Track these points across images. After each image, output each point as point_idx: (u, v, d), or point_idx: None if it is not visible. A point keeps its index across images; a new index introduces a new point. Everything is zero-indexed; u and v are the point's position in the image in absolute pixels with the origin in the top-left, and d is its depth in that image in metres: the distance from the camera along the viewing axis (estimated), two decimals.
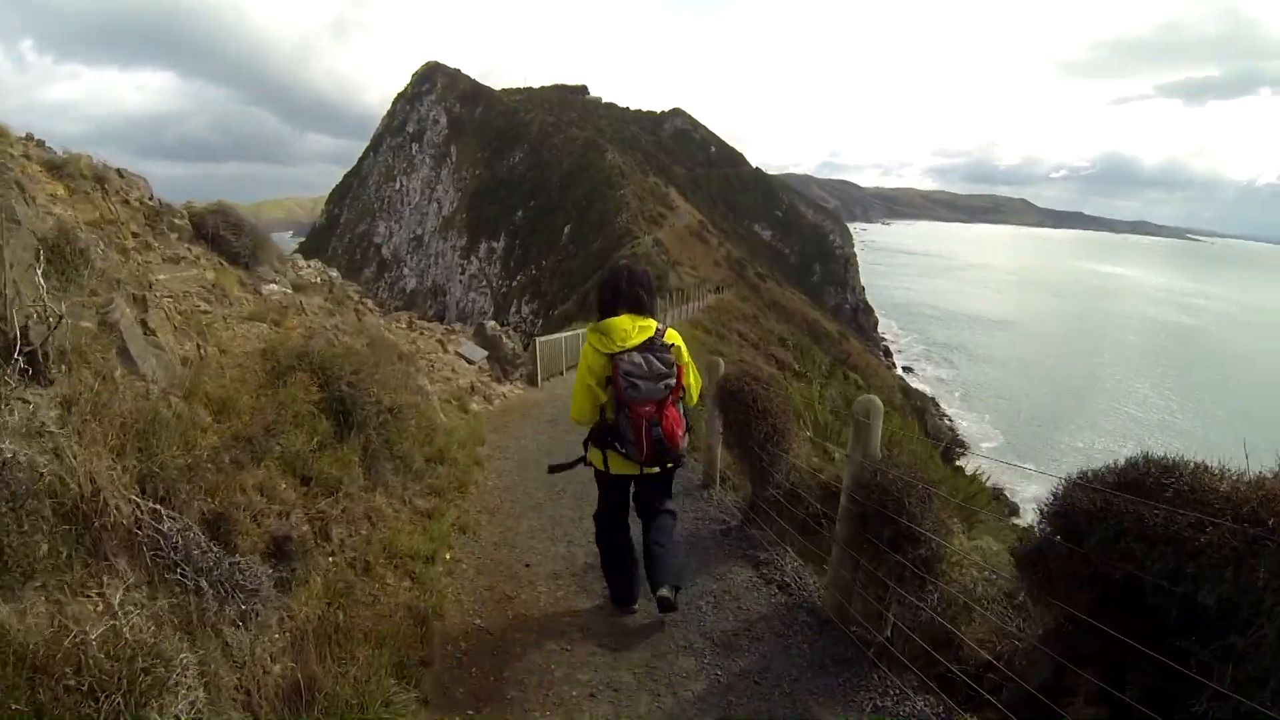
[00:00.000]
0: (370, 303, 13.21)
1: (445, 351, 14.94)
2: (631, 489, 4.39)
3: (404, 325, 15.22)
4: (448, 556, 5.21)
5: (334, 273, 11.81)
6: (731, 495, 6.83)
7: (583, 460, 4.40)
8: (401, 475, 5.87)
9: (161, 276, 6.74)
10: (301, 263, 10.86)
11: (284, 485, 4.11)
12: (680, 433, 4.04)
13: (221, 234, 7.75)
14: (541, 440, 9.97)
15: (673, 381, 3.96)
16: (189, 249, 7.46)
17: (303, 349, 5.49)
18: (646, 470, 4.14)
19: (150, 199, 7.76)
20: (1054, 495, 2.87)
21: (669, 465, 4.22)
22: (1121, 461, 2.76)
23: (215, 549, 2.97)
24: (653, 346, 3.96)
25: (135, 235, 6.92)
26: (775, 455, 5.39)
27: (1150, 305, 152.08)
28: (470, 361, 15.11)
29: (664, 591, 4.11)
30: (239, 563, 3.02)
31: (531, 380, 16.15)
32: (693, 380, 4.29)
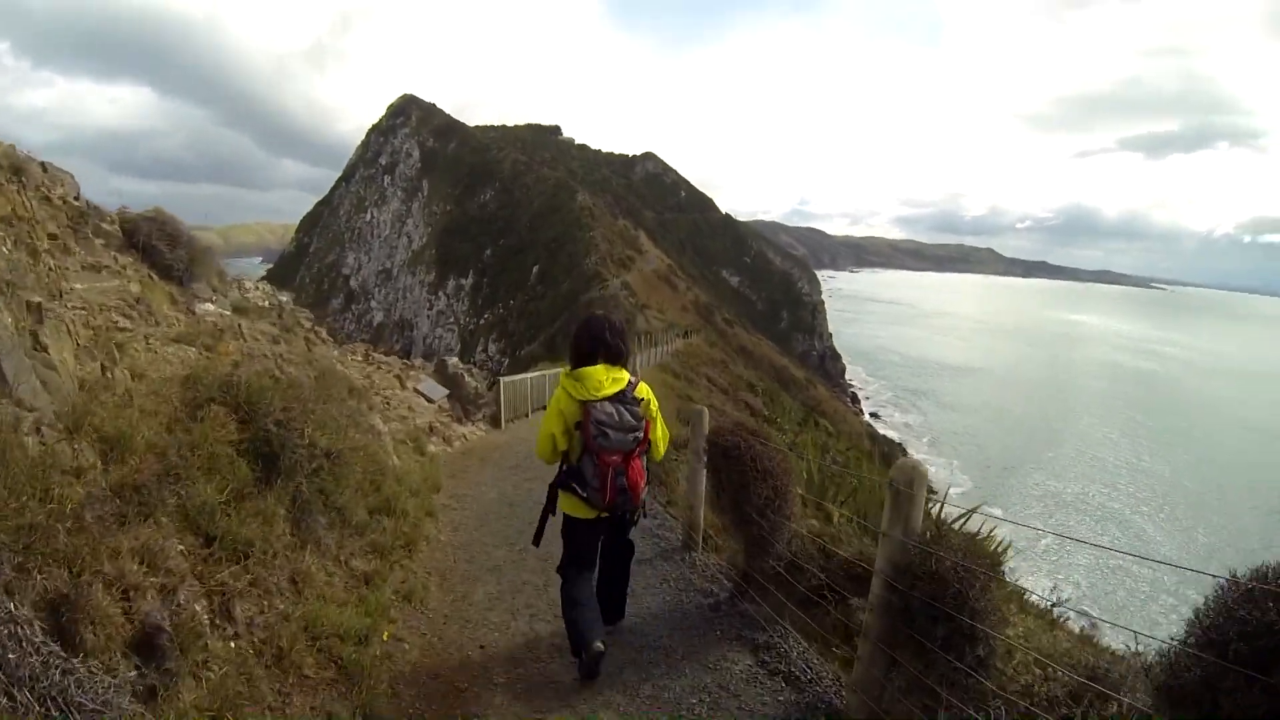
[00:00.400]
0: (323, 332, 12.20)
1: (403, 388, 14.03)
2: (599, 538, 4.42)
3: (359, 358, 14.32)
4: (385, 636, 4.35)
5: (284, 297, 10.78)
6: (715, 558, 6.08)
7: (550, 510, 4.29)
8: (338, 531, 5.04)
9: (76, 286, 5.92)
10: (248, 284, 9.91)
11: (177, 548, 3.28)
12: (642, 484, 4.11)
13: (154, 244, 6.93)
14: (503, 488, 9.22)
15: (641, 435, 4.06)
16: (115, 258, 6.65)
17: (228, 378, 4.65)
18: (602, 515, 4.17)
19: (76, 198, 6.94)
20: (1213, 602, 2.11)
21: (631, 517, 4.31)
22: None
23: (49, 647, 2.14)
24: (625, 399, 4.02)
25: (52, 237, 6.11)
26: (776, 523, 4.63)
27: (1115, 351, 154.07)
28: (430, 400, 14.17)
29: (597, 646, 4.09)
30: (76, 670, 2.16)
31: (495, 422, 15.43)
32: (660, 435, 4.34)
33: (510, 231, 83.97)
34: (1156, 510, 48.74)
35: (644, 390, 4.18)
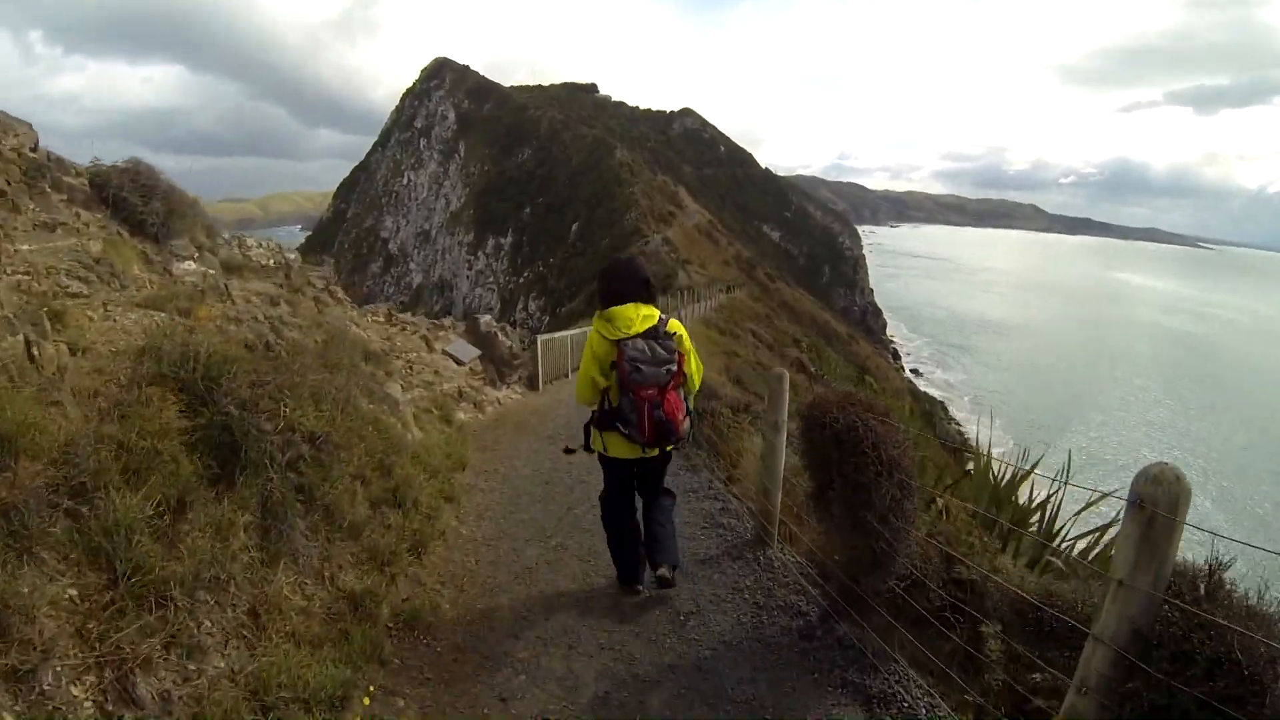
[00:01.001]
0: (340, 292, 10.94)
1: (430, 350, 12.79)
2: (634, 471, 4.54)
3: (381, 319, 12.97)
4: (366, 701, 3.13)
5: (292, 255, 9.71)
6: (794, 555, 4.98)
7: (585, 446, 4.49)
8: (322, 537, 3.98)
9: (24, 247, 4.98)
10: (250, 241, 8.84)
11: (65, 594, 2.29)
12: (680, 416, 4.16)
13: (125, 196, 5.93)
14: (539, 462, 8.21)
15: (674, 367, 4.10)
16: (78, 214, 5.68)
17: (185, 348, 3.62)
18: (647, 453, 4.25)
19: (34, 149, 5.97)
20: None
21: (669, 448, 4.35)
22: None
23: None
24: (656, 334, 4.09)
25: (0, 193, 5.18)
26: (900, 529, 3.41)
27: (1158, 312, 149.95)
28: (460, 362, 12.93)
29: (663, 571, 4.43)
30: None
31: (531, 384, 14.43)
32: (694, 368, 4.37)
33: (549, 190, 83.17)
34: (1207, 480, 46.41)
35: (675, 325, 4.23)
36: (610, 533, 4.68)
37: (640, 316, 4.11)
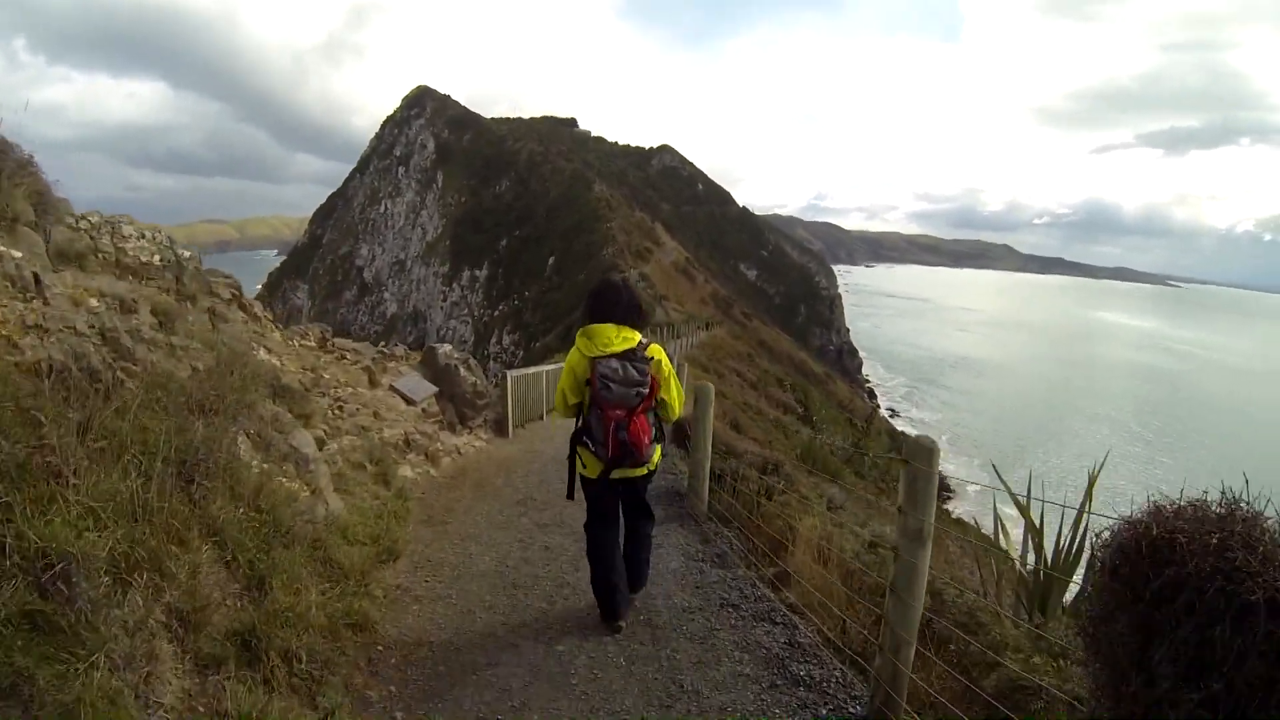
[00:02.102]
0: (257, 306, 8.61)
1: (374, 385, 10.00)
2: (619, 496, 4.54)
3: (312, 344, 9.94)
4: None
5: (187, 252, 7.02)
6: None
7: (568, 458, 4.46)
8: None
9: None
10: (127, 229, 6.46)
11: None
12: (646, 440, 4.14)
13: None
14: (506, 547, 5.99)
15: (645, 390, 4.07)
16: None
17: None
18: (616, 475, 4.22)
19: None
20: None
21: (642, 474, 4.34)
22: None
23: None
24: (633, 356, 4.06)
25: None
26: None
27: (1130, 349, 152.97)
28: (410, 401, 10.23)
29: (619, 624, 4.38)
30: None
31: (500, 428, 12.25)
32: (675, 396, 4.30)
33: (526, 222, 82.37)
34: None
35: (655, 351, 4.20)
36: (594, 565, 4.52)
37: (620, 337, 4.12)
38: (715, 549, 5.87)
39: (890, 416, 70.63)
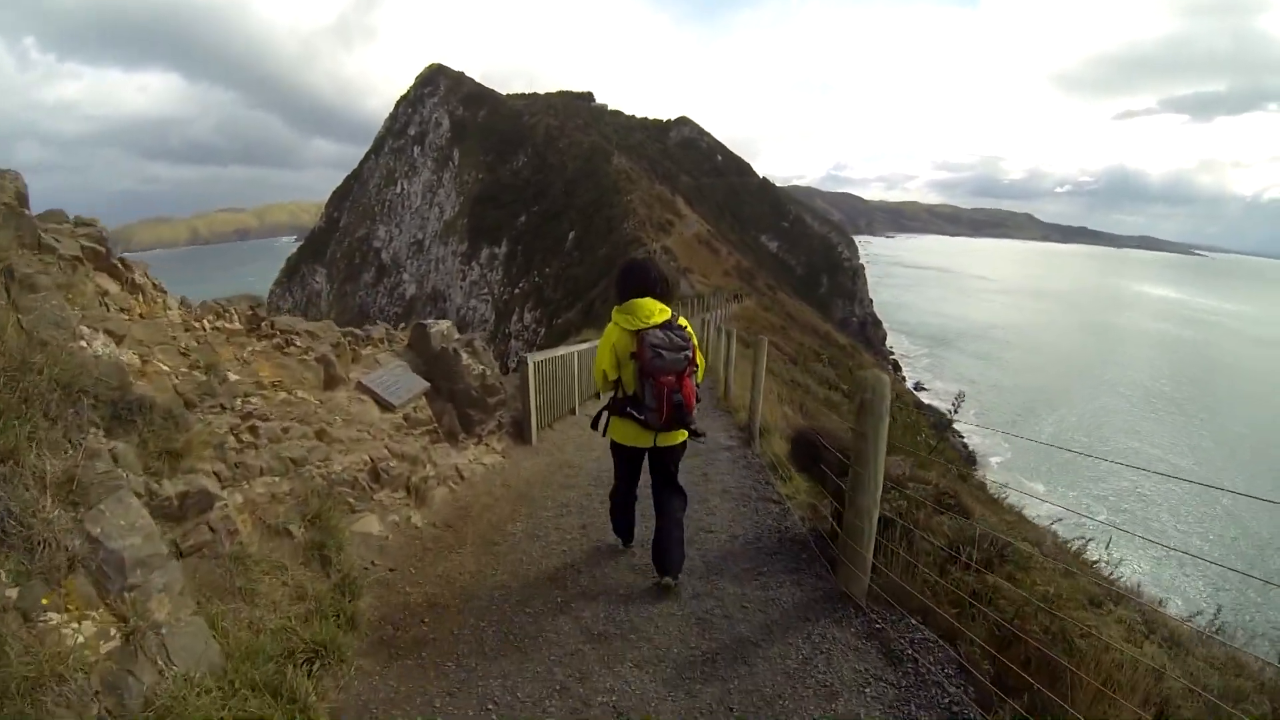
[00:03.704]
0: (139, 272, 5.14)
1: (332, 386, 6.52)
2: (644, 463, 4.87)
3: (234, 325, 6.03)
4: None
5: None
6: None
7: (594, 425, 4.78)
8: None
9: None
10: None
11: None
12: (694, 401, 4.47)
13: None
14: (540, 692, 3.56)
15: (690, 354, 4.40)
16: None
17: None
18: (659, 441, 4.59)
19: None
20: None
21: (680, 441, 4.70)
22: None
23: None
24: (671, 326, 4.39)
25: None
26: None
27: (1156, 320, 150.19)
28: (387, 405, 6.90)
29: (666, 580, 4.63)
30: None
31: (519, 434, 9.03)
32: (701, 358, 4.58)
33: (544, 198, 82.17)
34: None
35: (683, 321, 4.50)
36: (615, 511, 5.24)
37: (658, 309, 4.41)
38: (917, 677, 3.60)
39: (916, 390, 70.41)
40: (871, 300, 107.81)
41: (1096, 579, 4.62)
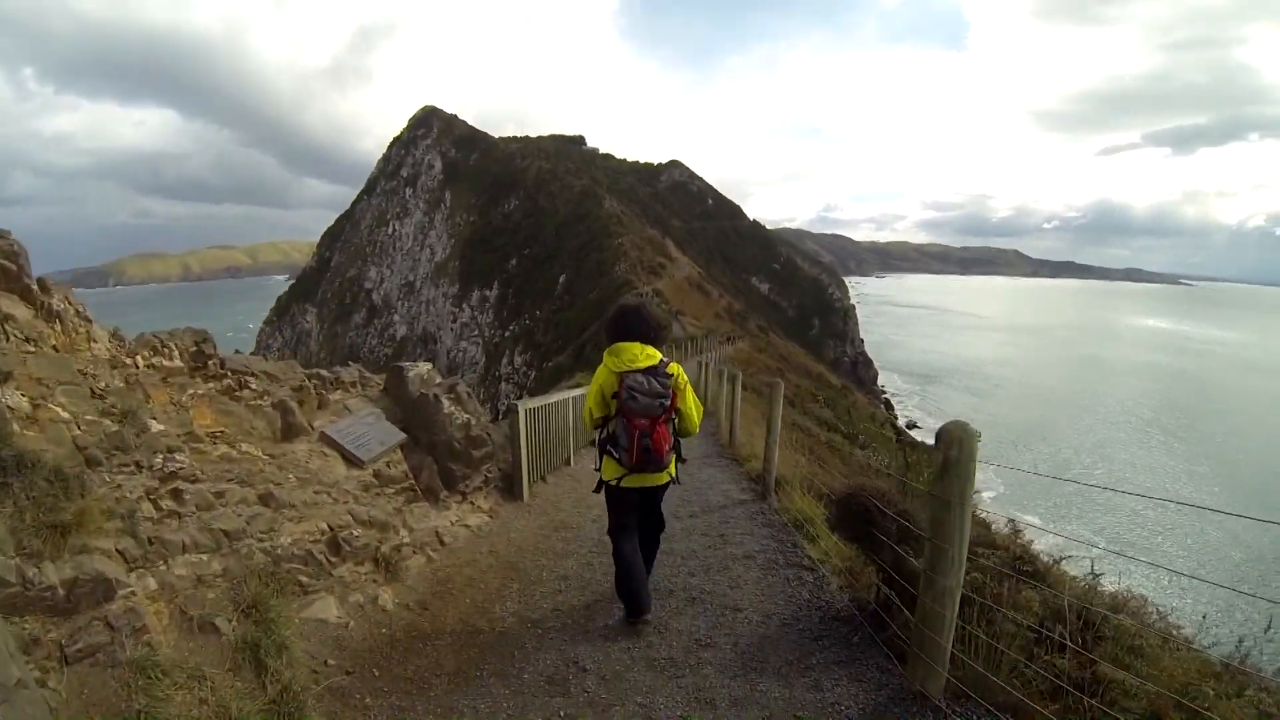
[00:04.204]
0: (61, 296, 4.35)
1: (292, 437, 5.61)
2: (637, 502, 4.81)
3: (174, 362, 5.07)
4: None
5: None
6: None
7: (595, 467, 4.82)
8: None
9: None
10: None
11: None
12: (667, 447, 4.47)
13: None
14: None
15: (667, 402, 4.41)
16: None
17: None
18: (632, 481, 4.59)
19: None
20: None
21: (660, 483, 4.68)
22: None
23: None
24: (655, 371, 4.44)
25: None
26: None
27: (1144, 350, 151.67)
28: (355, 461, 6.02)
29: (646, 618, 4.71)
30: None
31: (509, 487, 8.16)
32: (692, 408, 4.61)
33: (536, 241, 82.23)
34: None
35: (675, 368, 4.55)
36: (618, 563, 4.83)
37: (644, 354, 4.50)
38: None
39: (909, 428, 69.83)
40: (863, 340, 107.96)
41: (1188, 646, 3.72)
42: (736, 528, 7.11)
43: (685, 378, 4.63)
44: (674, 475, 4.73)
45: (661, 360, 4.54)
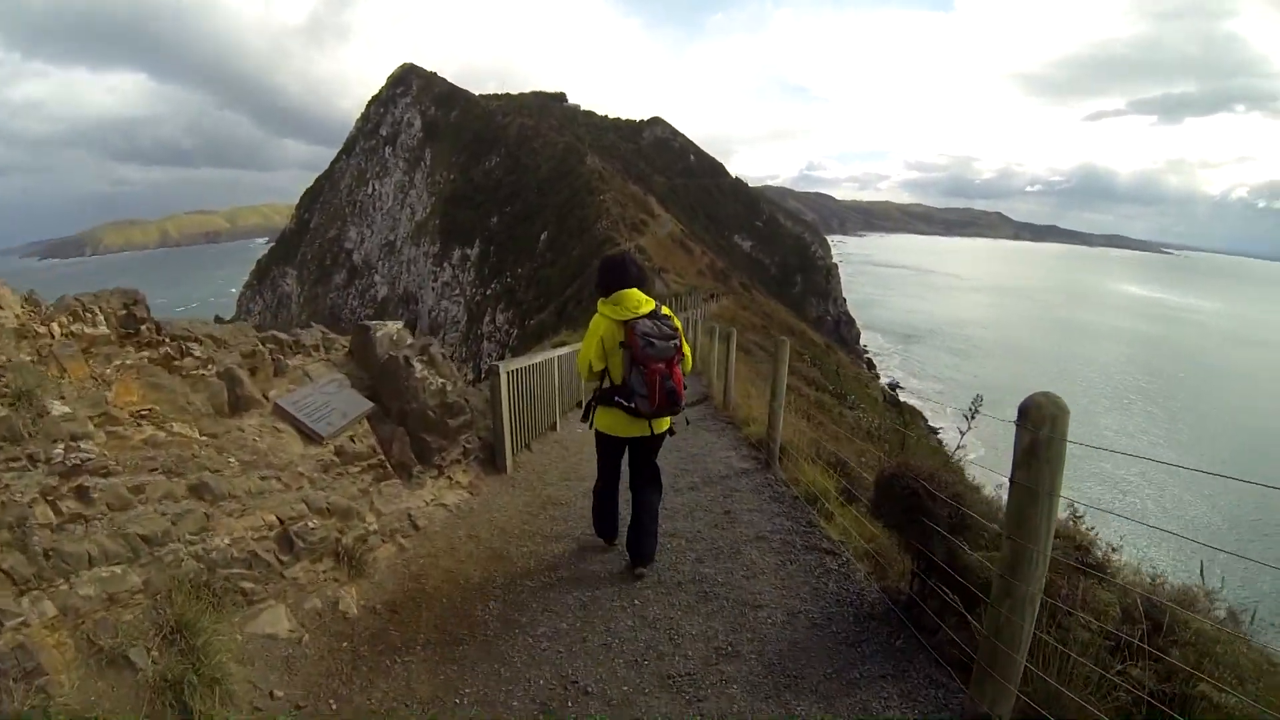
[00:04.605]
0: None
1: (240, 412, 4.76)
2: (626, 455, 4.91)
3: (100, 329, 4.26)
4: None
5: None
6: None
7: (583, 418, 4.86)
8: None
9: None
10: None
11: None
12: (684, 386, 4.54)
13: None
14: None
15: (679, 342, 4.49)
16: None
17: None
18: (655, 427, 4.60)
19: None
20: None
21: (664, 430, 4.72)
22: None
23: None
24: (657, 315, 4.47)
25: None
26: None
27: (1126, 316, 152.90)
28: (313, 436, 5.13)
29: (640, 570, 4.75)
30: None
31: (491, 462, 7.34)
32: (686, 349, 4.61)
33: (517, 198, 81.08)
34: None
35: (668, 311, 4.57)
36: (597, 505, 5.15)
37: (644, 300, 4.48)
38: None
39: (892, 389, 69.73)
40: (845, 299, 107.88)
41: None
42: (743, 503, 6.40)
43: (677, 320, 4.64)
44: (670, 423, 4.81)
45: (656, 303, 4.57)
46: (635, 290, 4.49)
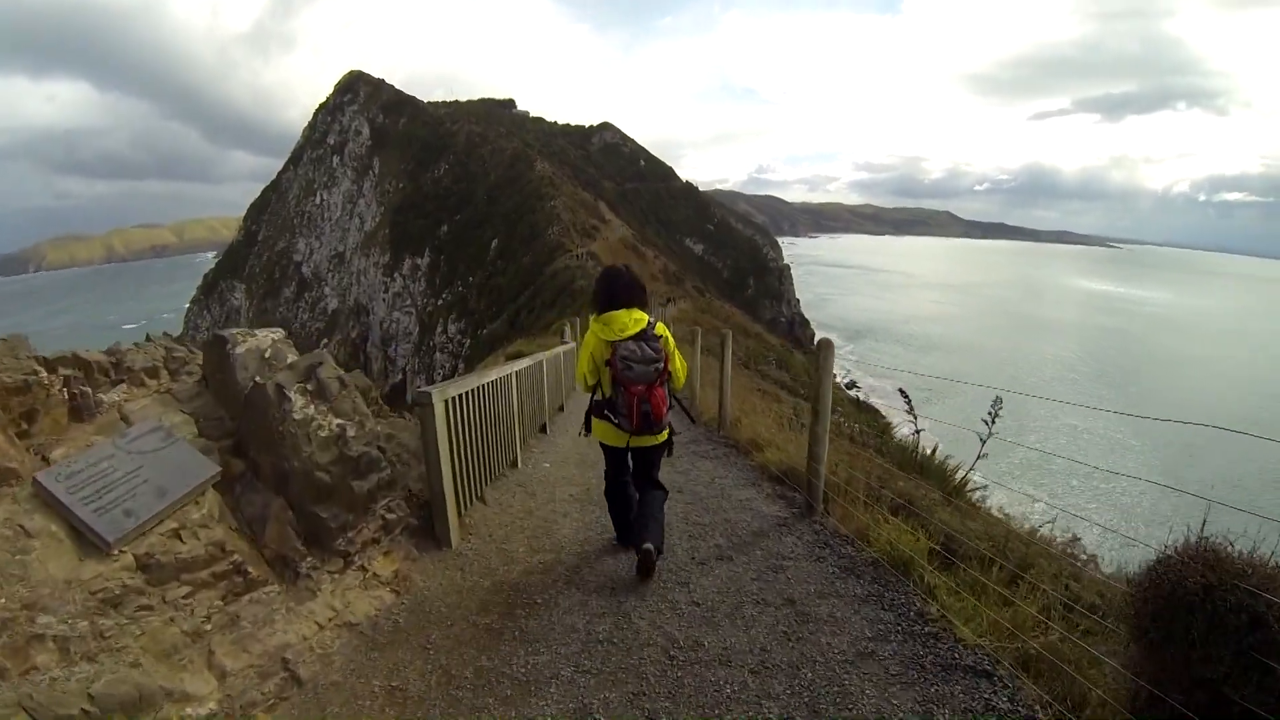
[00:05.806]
0: None
1: None
2: (629, 458, 4.95)
3: None
4: None
5: None
6: None
7: (585, 430, 4.88)
8: None
9: None
10: None
11: None
12: (664, 410, 4.56)
13: None
14: None
15: (661, 366, 4.48)
16: None
17: None
18: (634, 443, 4.65)
19: None
20: None
21: (658, 442, 4.73)
22: None
23: None
24: (645, 336, 4.47)
25: None
26: None
27: (1094, 313, 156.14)
28: (102, 543, 2.96)
29: (646, 546, 4.55)
30: None
31: (427, 527, 5.07)
32: (679, 366, 4.68)
33: (467, 206, 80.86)
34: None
35: (661, 329, 4.59)
36: (611, 504, 5.18)
37: (632, 320, 4.48)
38: None
39: (849, 388, 70.48)
40: (799, 300, 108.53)
41: None
42: (806, 583, 4.36)
43: (671, 338, 4.70)
44: (665, 437, 4.79)
45: (650, 322, 4.58)
46: (624, 313, 4.52)
